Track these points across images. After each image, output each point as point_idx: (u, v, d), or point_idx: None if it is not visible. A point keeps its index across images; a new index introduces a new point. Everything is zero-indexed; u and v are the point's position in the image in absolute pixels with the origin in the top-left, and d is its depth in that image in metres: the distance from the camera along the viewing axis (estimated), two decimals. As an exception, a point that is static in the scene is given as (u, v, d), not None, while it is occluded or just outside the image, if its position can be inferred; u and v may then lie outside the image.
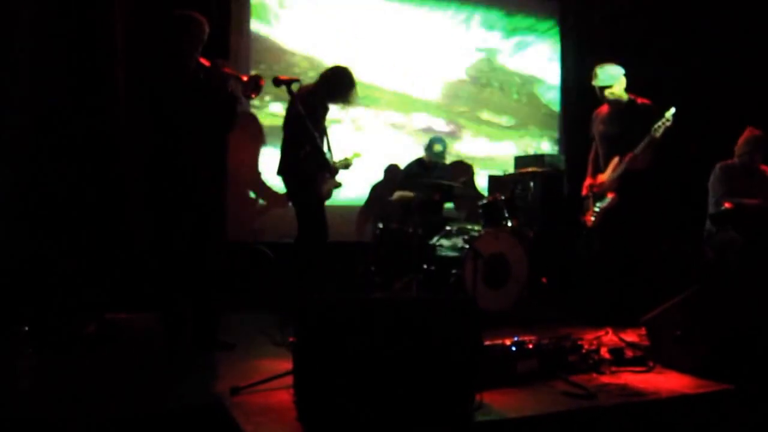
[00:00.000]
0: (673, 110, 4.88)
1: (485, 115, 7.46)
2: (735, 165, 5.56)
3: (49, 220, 4.76)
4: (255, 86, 4.05)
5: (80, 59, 5.05)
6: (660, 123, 4.87)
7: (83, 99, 5.03)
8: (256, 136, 6.29)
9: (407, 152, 6.85)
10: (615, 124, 5.25)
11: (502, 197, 5.73)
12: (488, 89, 7.47)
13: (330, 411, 2.71)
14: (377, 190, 6.77)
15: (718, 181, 5.55)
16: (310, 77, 5.71)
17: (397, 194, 6.00)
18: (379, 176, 6.83)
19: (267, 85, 4.17)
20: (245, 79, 4.07)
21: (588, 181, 5.47)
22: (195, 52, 4.06)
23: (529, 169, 6.19)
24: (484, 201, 5.79)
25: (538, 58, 7.75)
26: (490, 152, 7.47)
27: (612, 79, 5.18)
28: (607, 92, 5.20)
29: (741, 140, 5.57)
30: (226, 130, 4.32)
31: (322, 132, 5.08)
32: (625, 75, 5.22)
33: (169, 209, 4.04)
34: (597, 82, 5.22)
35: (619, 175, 5.13)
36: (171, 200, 4.02)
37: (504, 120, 7.55)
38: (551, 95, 7.81)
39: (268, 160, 6.14)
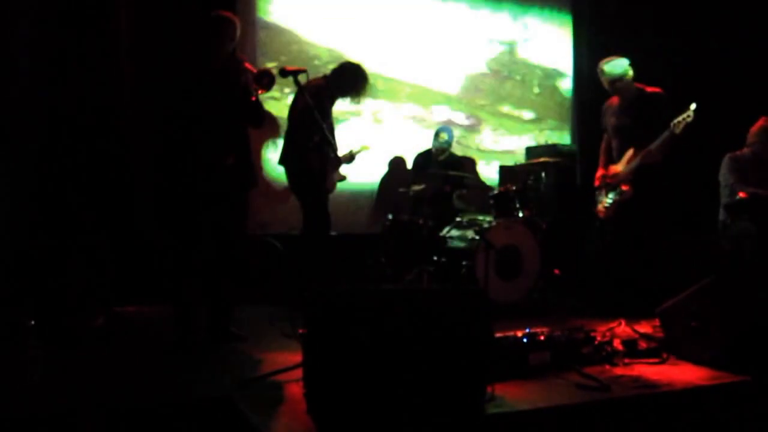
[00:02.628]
0: (694, 106, 4.79)
1: (506, 109, 7.42)
2: (745, 155, 5.49)
3: (56, 213, 4.77)
4: (268, 83, 4.03)
5: (86, 53, 5.05)
6: (681, 118, 4.79)
7: (89, 93, 5.05)
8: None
9: (426, 145, 6.84)
10: (626, 115, 5.20)
11: (514, 188, 5.69)
12: (509, 82, 7.43)
13: (340, 403, 2.69)
14: (385, 184, 6.74)
15: (728, 171, 5.48)
16: (319, 67, 5.70)
17: (414, 188, 5.97)
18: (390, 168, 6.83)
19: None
20: (255, 72, 4.06)
21: (600, 172, 5.42)
22: (224, 49, 4.09)
23: (541, 160, 6.13)
24: (496, 191, 5.74)
25: (558, 50, 7.71)
26: (510, 146, 7.43)
27: (621, 69, 5.12)
28: (618, 84, 5.14)
29: (754, 129, 5.49)
30: (253, 124, 4.27)
31: (330, 125, 5.05)
32: (637, 65, 5.16)
33: (185, 202, 4.04)
34: (606, 77, 5.16)
35: (634, 168, 5.07)
36: (187, 193, 4.01)
37: (524, 113, 7.51)
38: (556, 80, 7.77)
39: (270, 151, 6.16)
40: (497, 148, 7.37)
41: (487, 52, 7.31)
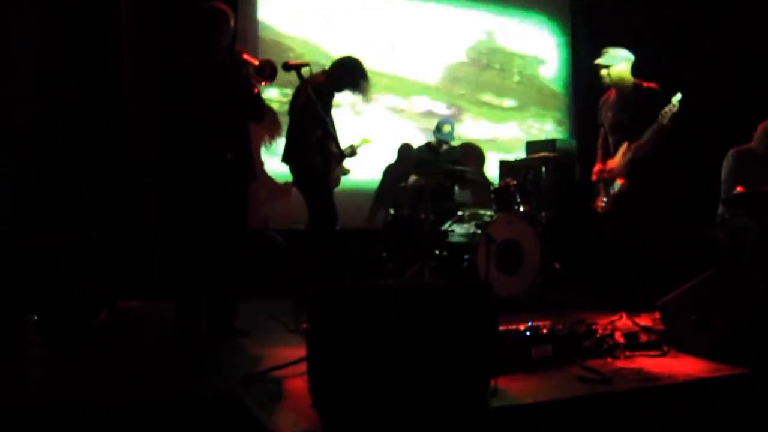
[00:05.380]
0: (679, 96, 4.81)
1: (486, 98, 7.46)
2: (750, 150, 5.46)
3: (59, 208, 4.77)
4: (270, 74, 4.01)
5: (86, 50, 5.05)
6: (666, 109, 4.81)
7: (90, 89, 5.04)
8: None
9: (407, 136, 6.90)
10: (622, 110, 5.20)
11: (514, 182, 5.71)
12: (488, 71, 7.48)
13: (344, 397, 2.71)
14: (390, 174, 6.75)
15: (731, 166, 5.46)
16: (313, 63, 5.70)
17: (412, 179, 5.99)
18: (389, 160, 6.83)
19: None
20: (257, 63, 4.04)
21: (598, 167, 5.43)
22: (221, 42, 4.07)
23: (541, 155, 6.15)
24: (496, 186, 5.76)
25: (540, 38, 7.75)
26: (493, 134, 7.48)
27: (613, 59, 5.13)
28: (603, 72, 5.15)
29: (761, 128, 5.44)
30: (254, 119, 4.27)
31: (331, 120, 5.06)
32: (636, 59, 5.16)
33: (186, 197, 4.04)
34: (599, 61, 5.18)
35: (628, 161, 5.09)
36: (188, 188, 4.02)
37: (505, 101, 7.56)
38: (554, 75, 7.80)
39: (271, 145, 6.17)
40: (480, 137, 7.42)
41: (465, 41, 7.36)
